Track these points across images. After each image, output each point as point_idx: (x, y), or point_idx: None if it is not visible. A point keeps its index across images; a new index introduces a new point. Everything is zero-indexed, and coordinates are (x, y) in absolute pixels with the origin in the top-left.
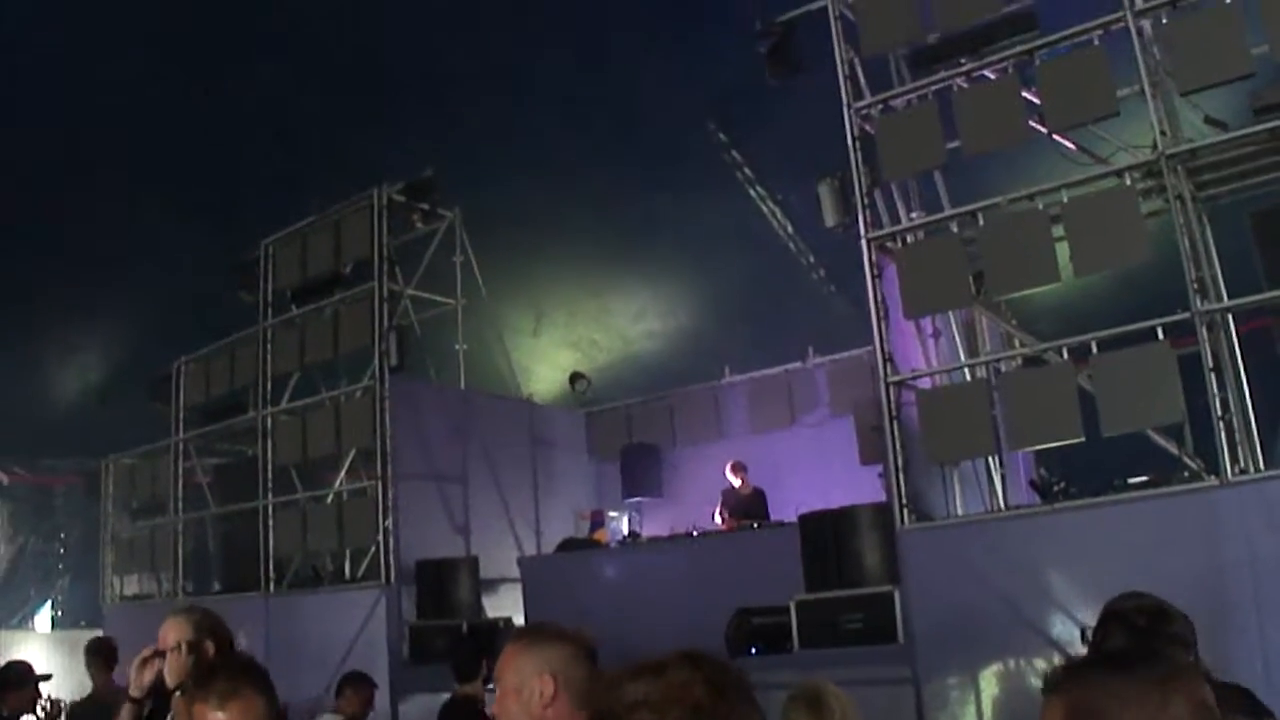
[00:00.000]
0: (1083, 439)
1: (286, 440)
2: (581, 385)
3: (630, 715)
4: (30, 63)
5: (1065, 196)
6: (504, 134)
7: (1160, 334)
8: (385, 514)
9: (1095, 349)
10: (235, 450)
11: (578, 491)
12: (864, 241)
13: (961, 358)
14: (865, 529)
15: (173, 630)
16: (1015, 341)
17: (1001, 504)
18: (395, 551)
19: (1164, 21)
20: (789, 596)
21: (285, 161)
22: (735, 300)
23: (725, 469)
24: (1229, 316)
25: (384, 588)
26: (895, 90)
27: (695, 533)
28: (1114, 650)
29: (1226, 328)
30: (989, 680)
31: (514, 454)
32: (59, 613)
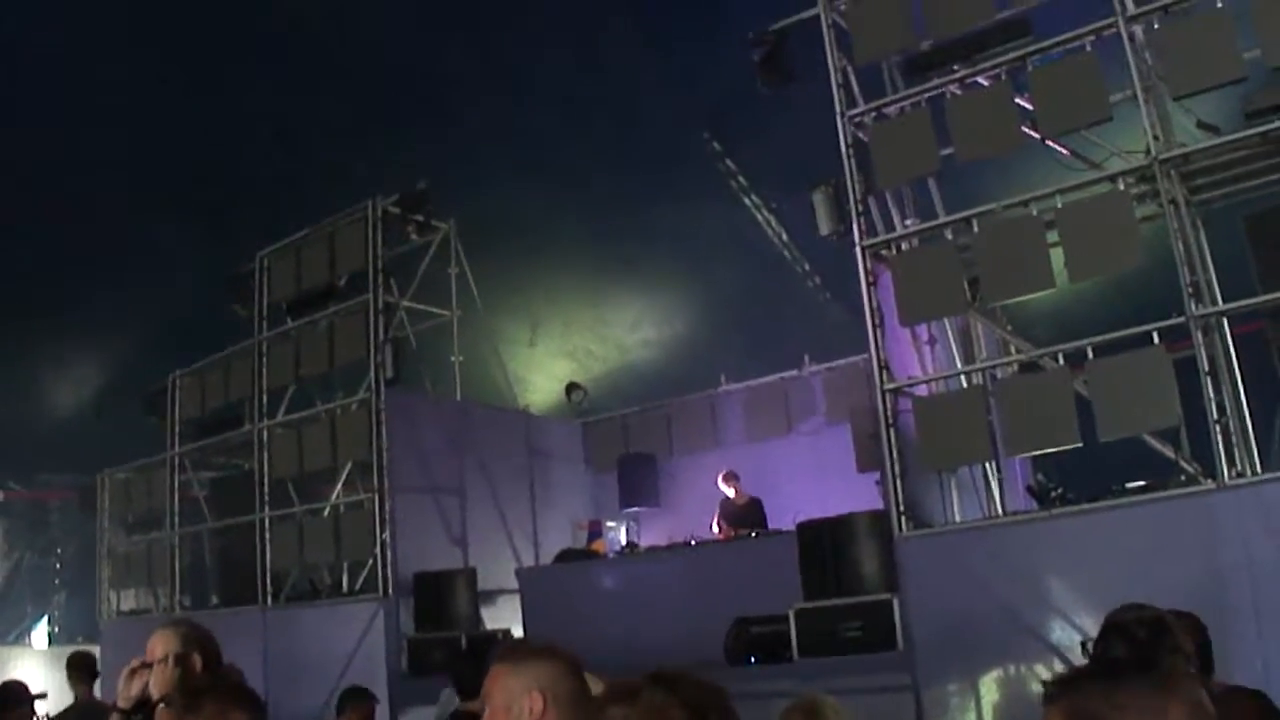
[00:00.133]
0: (1080, 444)
1: (282, 453)
2: (578, 395)
3: None
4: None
5: (1059, 202)
6: (499, 145)
7: (1155, 338)
8: (382, 526)
9: (1091, 354)
10: (231, 464)
11: (575, 502)
12: (859, 249)
13: (958, 364)
14: (863, 537)
15: (160, 643)
16: (1011, 348)
17: (999, 510)
18: (393, 564)
19: (1156, 27)
20: (787, 605)
21: (280, 173)
22: (731, 309)
23: (718, 480)
24: (1224, 320)
25: (382, 600)
26: (888, 98)
27: (693, 542)
28: (1112, 659)
29: (1221, 331)
30: (989, 687)
31: (511, 465)
32: (56, 628)
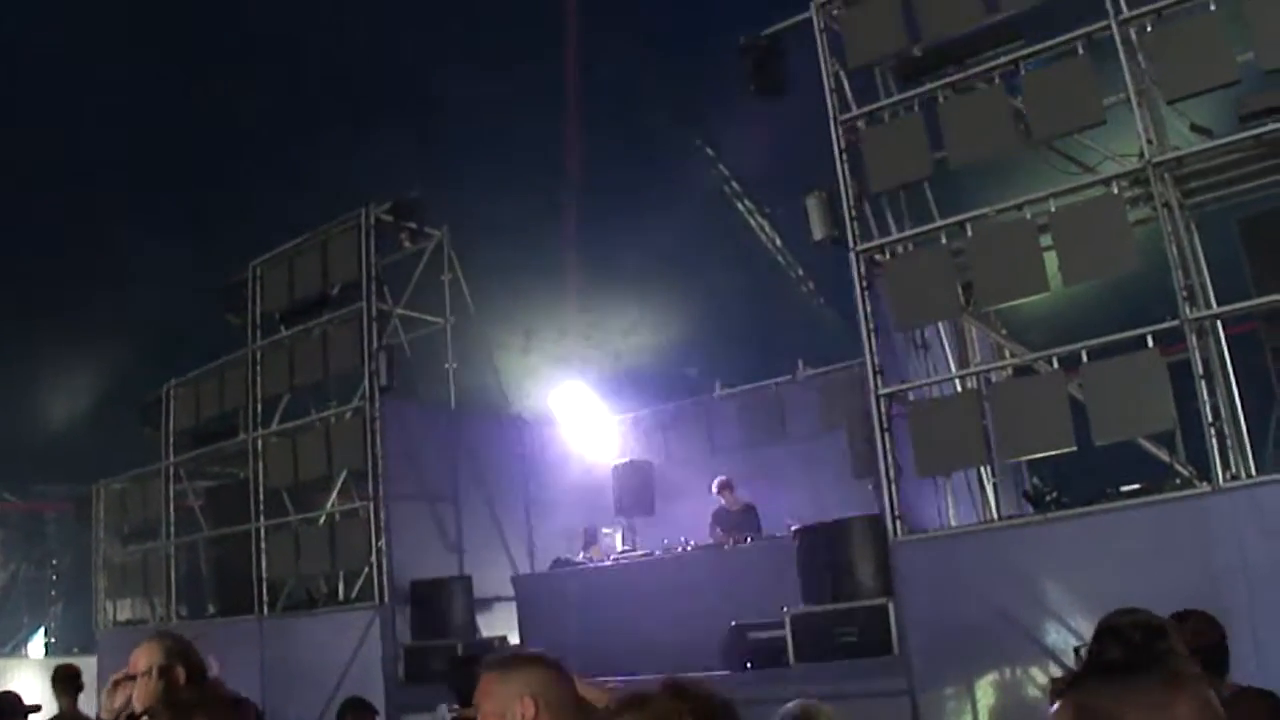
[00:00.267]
0: (1074, 448)
1: (277, 462)
2: None
3: None
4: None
5: (1053, 206)
6: (492, 151)
7: (1150, 342)
8: (378, 535)
9: (1085, 358)
10: (226, 473)
11: (570, 509)
12: (853, 254)
13: (952, 369)
14: (858, 542)
15: (144, 655)
16: (1005, 352)
17: (995, 515)
18: (389, 572)
19: (1149, 30)
20: (784, 611)
21: (272, 182)
22: (725, 315)
23: (712, 488)
24: (1218, 323)
25: (378, 609)
26: (881, 102)
27: (689, 548)
28: (1119, 657)
29: (1216, 334)
30: (985, 690)
31: (506, 472)
32: (52, 639)
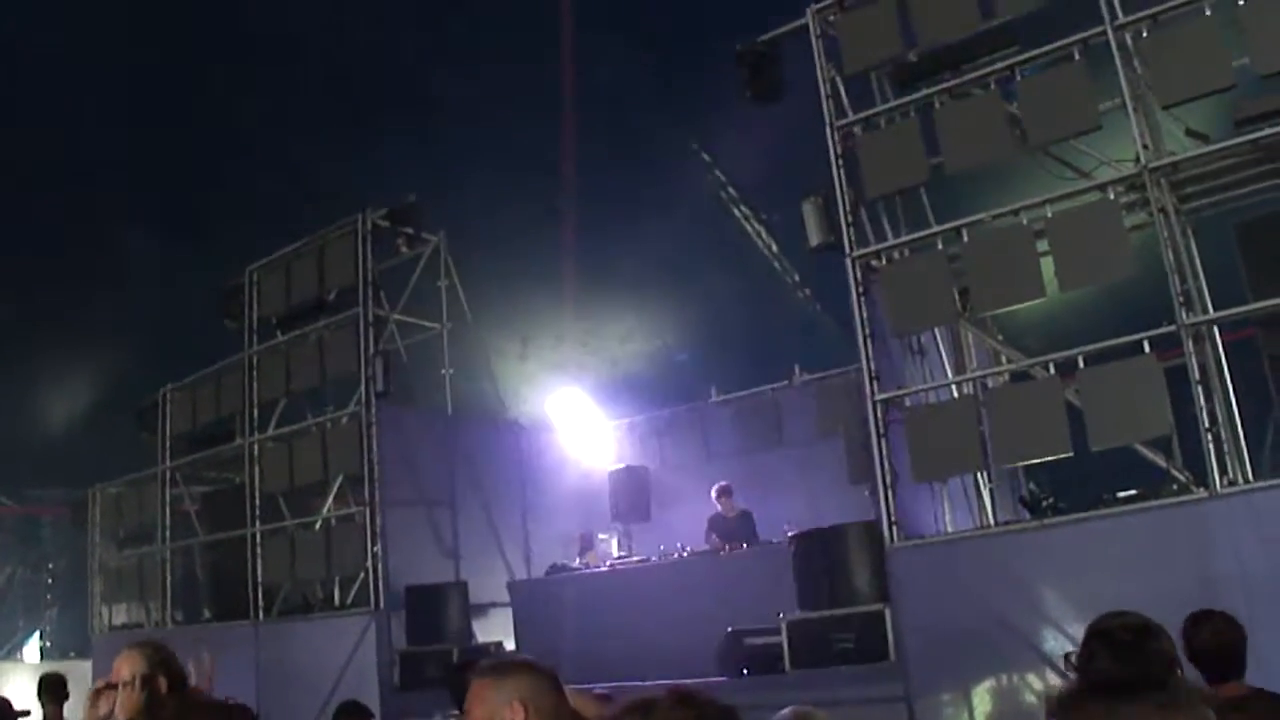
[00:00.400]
0: (1071, 454)
1: (274, 467)
2: None
3: None
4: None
5: (1049, 212)
6: (488, 157)
7: (1147, 347)
8: (374, 540)
9: (1082, 363)
10: (223, 478)
11: (567, 515)
12: (849, 260)
13: (949, 374)
14: (855, 547)
15: (126, 664)
16: (1002, 357)
17: (991, 520)
18: (384, 577)
19: (1144, 35)
20: (780, 617)
21: (269, 187)
22: (721, 321)
23: (711, 494)
24: (1215, 328)
25: (373, 614)
26: (878, 108)
27: (685, 554)
28: (1115, 675)
29: (1213, 340)
30: (981, 697)
31: (502, 478)
32: (48, 643)
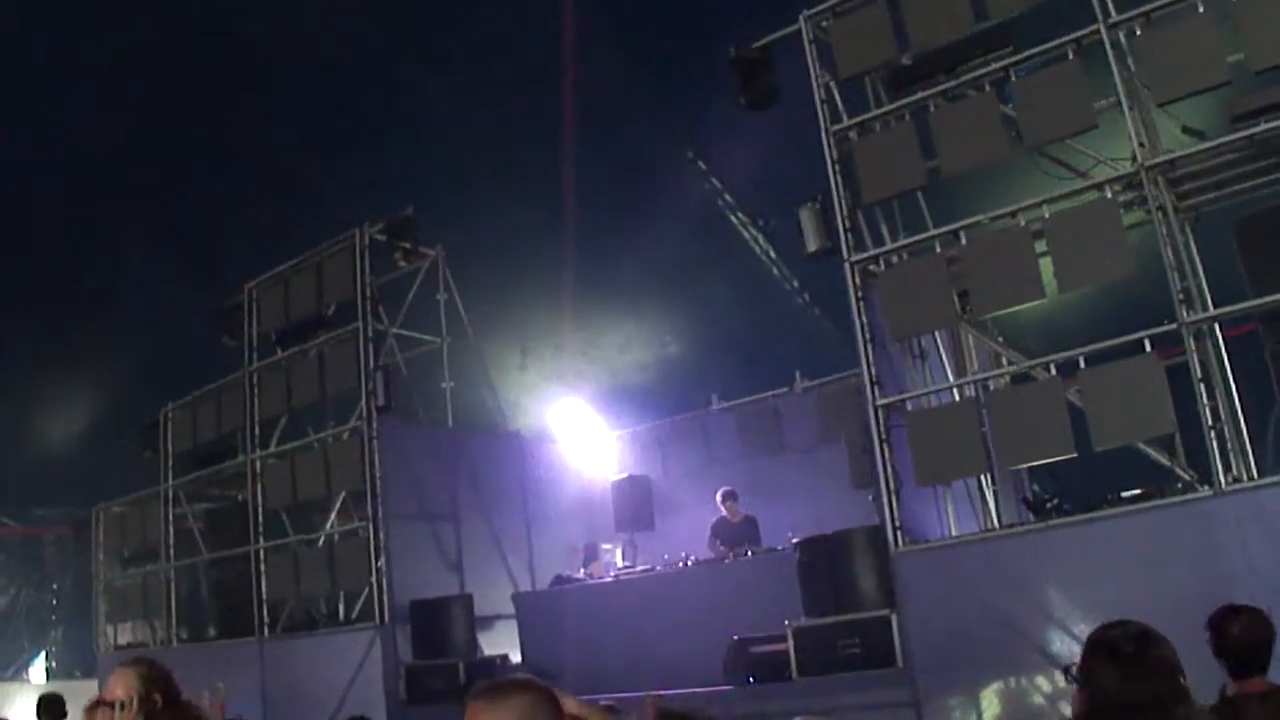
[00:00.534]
0: (1074, 455)
1: (276, 484)
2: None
3: None
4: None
5: (1047, 212)
6: (485, 170)
7: (1148, 346)
8: (378, 555)
9: (1083, 363)
10: (225, 495)
11: (570, 525)
12: (847, 265)
13: (950, 378)
14: (860, 553)
15: (120, 683)
16: (1003, 359)
17: (995, 523)
18: (389, 592)
19: (1138, 33)
20: (786, 624)
21: (265, 202)
22: (721, 328)
23: (716, 499)
24: (1216, 325)
25: (379, 629)
26: (873, 112)
27: (689, 562)
28: (1120, 696)
29: (1214, 337)
30: (989, 701)
31: (504, 490)
32: (53, 663)
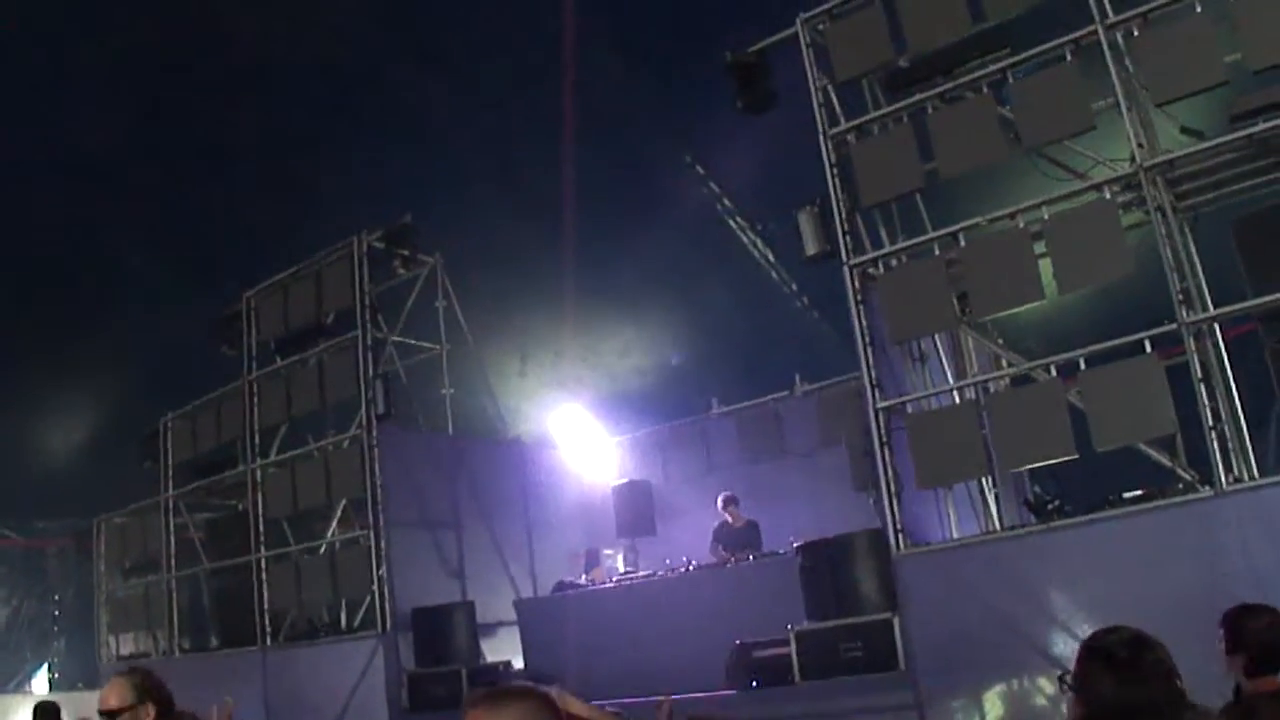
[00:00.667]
0: (1075, 456)
1: (277, 493)
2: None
3: None
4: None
5: (1046, 214)
6: (483, 176)
7: (1148, 347)
8: (379, 563)
9: (1083, 365)
10: (226, 505)
11: (571, 531)
12: (846, 268)
13: (950, 380)
14: (861, 556)
15: (113, 693)
16: (1003, 361)
17: (997, 525)
18: (391, 600)
19: (1135, 34)
20: (788, 628)
21: (266, 211)
22: (720, 332)
23: (717, 503)
24: (1216, 325)
25: (381, 637)
26: (870, 115)
27: (691, 567)
28: (1117, 701)
29: (1214, 337)
30: (992, 702)
31: (505, 496)
32: (56, 675)
